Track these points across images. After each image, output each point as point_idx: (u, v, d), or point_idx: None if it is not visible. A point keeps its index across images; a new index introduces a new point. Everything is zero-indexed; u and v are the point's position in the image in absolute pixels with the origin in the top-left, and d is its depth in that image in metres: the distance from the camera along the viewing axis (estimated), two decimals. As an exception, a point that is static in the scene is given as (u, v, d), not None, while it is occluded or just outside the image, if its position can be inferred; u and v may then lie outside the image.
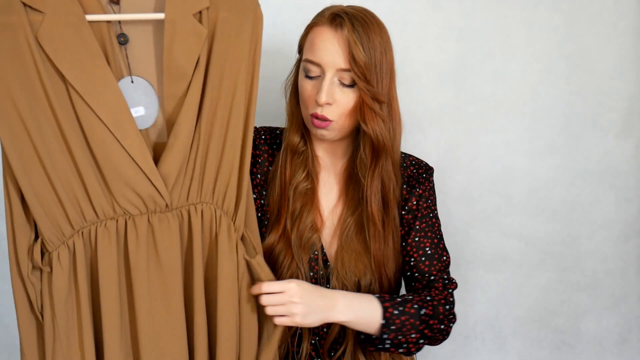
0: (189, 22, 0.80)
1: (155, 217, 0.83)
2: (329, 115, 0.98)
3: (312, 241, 1.06)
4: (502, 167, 1.46)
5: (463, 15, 1.38)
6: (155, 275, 0.83)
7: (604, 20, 1.40)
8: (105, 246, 0.81)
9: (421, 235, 1.07)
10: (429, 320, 0.98)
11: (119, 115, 0.78)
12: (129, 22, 0.82)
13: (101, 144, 0.78)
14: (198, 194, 0.85)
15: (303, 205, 1.06)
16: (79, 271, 0.80)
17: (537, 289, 1.52)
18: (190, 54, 0.80)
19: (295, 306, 0.90)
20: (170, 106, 0.82)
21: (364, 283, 1.05)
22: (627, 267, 1.52)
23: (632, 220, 1.50)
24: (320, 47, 0.96)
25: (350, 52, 0.94)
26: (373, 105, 0.97)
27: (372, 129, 0.98)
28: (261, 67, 1.37)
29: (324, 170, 1.11)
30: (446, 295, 1.03)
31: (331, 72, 0.96)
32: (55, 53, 0.75)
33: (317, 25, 0.99)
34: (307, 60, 0.99)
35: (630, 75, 1.43)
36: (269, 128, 1.14)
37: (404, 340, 0.97)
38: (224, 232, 0.87)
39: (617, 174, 1.48)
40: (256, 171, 1.10)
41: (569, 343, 1.54)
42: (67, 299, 0.80)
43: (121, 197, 0.81)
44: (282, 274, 1.04)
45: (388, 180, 1.04)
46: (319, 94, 0.96)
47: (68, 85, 0.76)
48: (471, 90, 1.41)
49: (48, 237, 0.79)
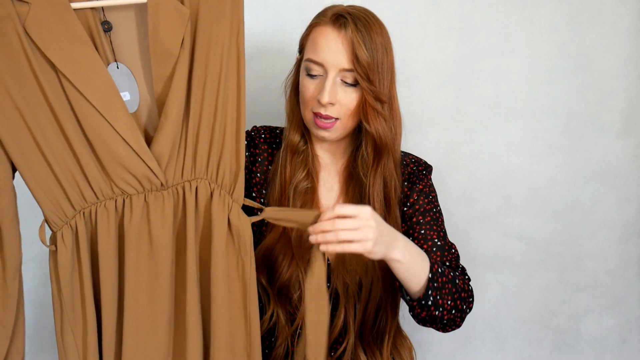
0: (171, 3, 0.82)
1: (151, 196, 0.86)
2: (333, 114, 0.99)
3: (312, 241, 1.06)
4: (502, 167, 1.46)
5: (463, 15, 1.38)
6: (146, 252, 0.86)
7: (605, 20, 1.39)
8: (104, 225, 0.85)
9: (427, 228, 1.06)
10: (461, 293, 0.98)
11: (109, 99, 0.81)
12: (111, 10, 0.84)
13: (95, 128, 0.81)
14: (192, 171, 0.88)
15: (303, 205, 1.07)
16: (81, 249, 0.84)
17: (537, 289, 1.52)
18: (174, 35, 0.82)
19: (370, 230, 0.85)
20: (159, 87, 0.84)
21: (365, 282, 1.05)
22: (628, 268, 1.52)
23: (633, 221, 1.50)
24: (323, 46, 0.97)
25: (354, 52, 0.95)
26: (375, 105, 0.98)
27: (374, 129, 0.99)
28: (261, 67, 1.38)
29: (324, 170, 1.11)
30: (466, 288, 1.02)
31: (334, 72, 0.97)
32: (44, 42, 0.77)
33: (320, 25, 0.99)
34: (310, 60, 0.99)
35: (631, 75, 1.42)
36: (269, 127, 1.15)
37: (441, 304, 0.95)
38: (216, 204, 0.88)
39: (617, 174, 1.47)
40: (256, 170, 1.10)
41: (569, 343, 1.54)
42: (72, 275, 0.84)
43: (117, 177, 0.84)
44: (282, 273, 1.04)
45: (390, 178, 1.04)
46: (321, 94, 0.97)
47: (59, 73, 0.79)
48: (471, 90, 1.41)
49: (51, 219, 0.83)
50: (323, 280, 0.89)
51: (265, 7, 1.36)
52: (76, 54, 0.79)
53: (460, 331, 1.51)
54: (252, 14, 1.36)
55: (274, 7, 1.36)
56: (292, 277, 1.05)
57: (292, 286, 1.05)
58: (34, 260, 1.44)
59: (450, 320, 0.99)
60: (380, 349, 1.09)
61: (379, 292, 1.06)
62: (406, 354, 1.13)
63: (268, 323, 1.07)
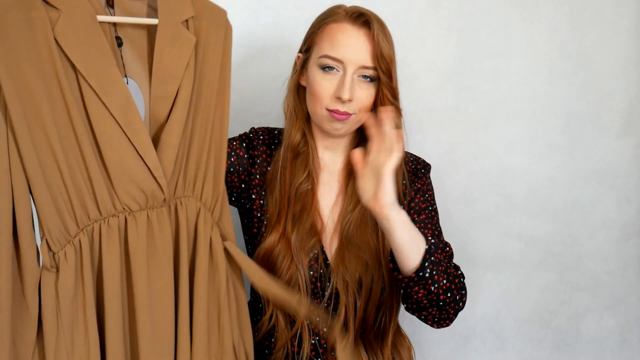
0: (180, 29, 0.85)
1: (153, 213, 0.86)
2: (350, 111, 1.00)
3: (312, 243, 1.06)
4: (502, 167, 1.46)
5: (463, 15, 1.38)
6: (154, 269, 0.86)
7: (605, 20, 1.39)
8: (109, 243, 0.83)
9: (422, 226, 1.07)
10: (454, 279, 0.98)
11: (129, 113, 0.81)
12: (121, 26, 0.86)
13: (109, 140, 0.81)
14: (183, 188, 0.90)
15: (303, 207, 1.07)
16: (84, 269, 0.81)
17: (537, 289, 1.52)
18: (180, 59, 0.85)
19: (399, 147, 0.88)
20: (157, 107, 0.86)
21: (365, 280, 1.05)
22: (628, 267, 1.52)
23: (633, 221, 1.50)
24: (343, 43, 0.98)
25: (378, 49, 0.97)
26: (394, 101, 1.01)
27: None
28: (261, 67, 1.38)
29: (324, 170, 1.11)
30: (461, 279, 1.01)
31: (352, 69, 0.98)
32: (71, 49, 0.78)
33: (337, 22, 1.00)
34: (327, 56, 0.99)
35: (631, 75, 1.43)
36: (267, 129, 1.15)
37: (437, 279, 0.94)
38: (201, 221, 0.91)
39: (617, 174, 1.47)
40: (254, 172, 1.10)
41: (569, 343, 1.54)
42: (75, 297, 0.81)
43: (124, 192, 0.83)
44: (282, 275, 1.04)
45: (397, 173, 1.06)
46: (341, 91, 0.98)
47: (81, 81, 0.79)
48: (471, 90, 1.41)
49: (55, 237, 0.80)
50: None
51: (265, 7, 1.36)
52: (100, 65, 0.79)
53: (460, 331, 1.51)
54: (252, 14, 1.36)
55: (274, 7, 1.36)
56: (292, 279, 1.05)
57: (292, 288, 1.05)
58: (34, 260, 1.44)
59: (445, 304, 0.97)
60: (382, 347, 1.09)
61: (379, 289, 1.06)
62: (405, 353, 1.13)
63: (267, 324, 1.07)
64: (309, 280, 1.05)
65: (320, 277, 1.06)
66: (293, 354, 1.08)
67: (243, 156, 1.10)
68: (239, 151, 1.09)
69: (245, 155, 1.09)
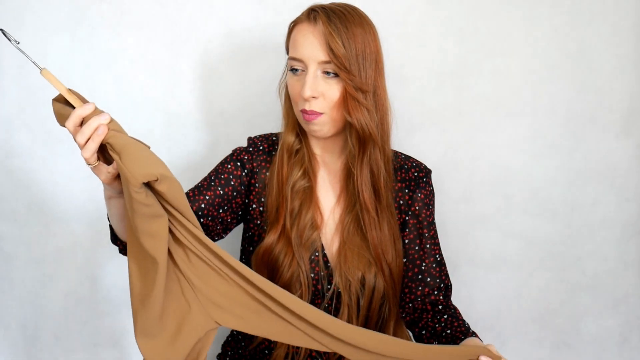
0: None
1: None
2: (317, 109, 0.99)
3: (313, 239, 1.06)
4: (502, 167, 1.45)
5: (463, 15, 1.38)
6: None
7: (605, 20, 1.39)
8: None
9: (431, 242, 1.12)
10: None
11: None
12: None
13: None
14: None
15: (302, 203, 1.07)
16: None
17: (537, 289, 1.52)
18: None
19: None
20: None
21: (368, 277, 1.05)
22: (628, 267, 1.52)
23: (633, 220, 1.50)
24: (300, 42, 0.99)
25: (327, 43, 0.96)
26: (357, 95, 0.98)
27: (356, 119, 0.99)
28: (261, 67, 1.38)
29: (323, 169, 1.11)
30: (454, 307, 1.14)
31: (314, 66, 0.98)
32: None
33: (297, 23, 1.02)
34: (291, 58, 1.01)
35: (631, 75, 1.42)
36: (264, 136, 1.15)
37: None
38: None
39: (617, 174, 1.47)
40: (254, 182, 1.10)
41: (569, 343, 1.54)
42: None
43: None
44: (283, 273, 1.04)
45: (377, 169, 1.05)
46: (303, 88, 0.98)
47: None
48: (471, 90, 1.41)
49: None
50: None
51: (265, 7, 1.36)
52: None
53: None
54: (252, 14, 1.36)
55: (274, 7, 1.36)
56: (293, 277, 1.05)
57: (293, 286, 1.05)
58: (34, 261, 1.44)
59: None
60: None
61: (382, 285, 1.06)
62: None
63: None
64: (310, 278, 1.05)
65: (321, 279, 1.06)
66: (292, 354, 1.08)
67: (241, 175, 1.10)
68: (237, 172, 1.09)
69: (243, 174, 1.10)
